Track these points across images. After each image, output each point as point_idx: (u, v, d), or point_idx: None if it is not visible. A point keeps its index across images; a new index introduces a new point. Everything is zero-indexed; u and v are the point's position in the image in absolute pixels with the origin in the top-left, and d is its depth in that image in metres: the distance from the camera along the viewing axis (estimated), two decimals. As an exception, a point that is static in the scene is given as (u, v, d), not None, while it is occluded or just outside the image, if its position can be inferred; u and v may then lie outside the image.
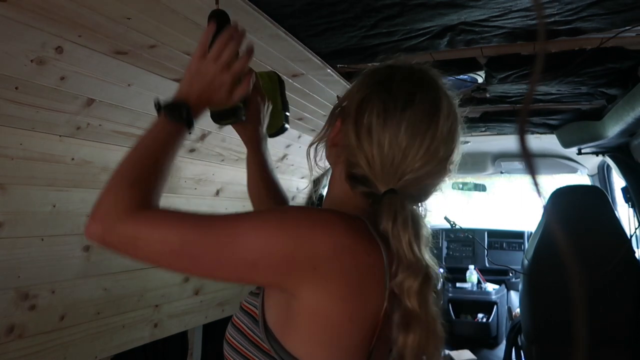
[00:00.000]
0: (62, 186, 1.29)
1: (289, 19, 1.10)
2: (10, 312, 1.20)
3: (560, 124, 2.33)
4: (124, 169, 0.67)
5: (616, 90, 1.66)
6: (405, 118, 0.65)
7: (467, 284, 3.62)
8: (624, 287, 1.98)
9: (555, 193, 2.20)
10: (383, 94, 0.67)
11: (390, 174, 0.65)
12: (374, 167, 0.66)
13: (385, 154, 0.65)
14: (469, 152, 3.23)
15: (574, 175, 3.28)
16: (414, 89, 0.67)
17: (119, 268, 1.54)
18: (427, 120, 0.65)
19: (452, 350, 3.26)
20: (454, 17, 1.12)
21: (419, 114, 0.65)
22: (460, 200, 6.19)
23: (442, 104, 0.67)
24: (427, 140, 0.65)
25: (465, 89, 1.96)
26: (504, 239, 3.76)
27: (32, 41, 0.98)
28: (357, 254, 0.60)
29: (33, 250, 1.24)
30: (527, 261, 2.20)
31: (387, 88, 0.68)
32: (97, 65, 1.14)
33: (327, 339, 0.60)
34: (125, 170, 0.66)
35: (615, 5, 1.03)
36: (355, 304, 0.60)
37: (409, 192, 0.66)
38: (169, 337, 1.88)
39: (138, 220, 0.61)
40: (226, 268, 0.60)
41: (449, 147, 0.67)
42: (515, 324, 2.51)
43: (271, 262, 0.58)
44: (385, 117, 0.65)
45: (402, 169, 0.65)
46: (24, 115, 1.10)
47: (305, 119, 2.02)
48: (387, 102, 0.66)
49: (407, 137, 0.64)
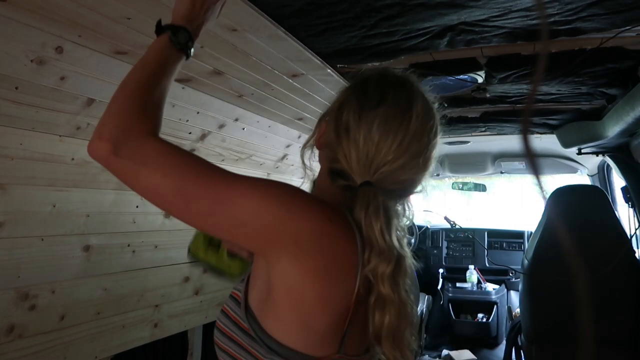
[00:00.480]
0: (62, 186, 1.29)
1: (289, 19, 1.10)
2: (10, 312, 1.20)
3: (560, 124, 2.33)
4: (130, 90, 0.68)
5: (616, 90, 1.66)
6: (379, 115, 0.69)
7: (467, 284, 3.62)
8: (624, 287, 1.98)
9: (555, 193, 2.20)
10: (359, 94, 0.73)
11: (366, 168, 0.69)
12: (351, 161, 0.70)
13: (361, 149, 0.69)
14: (469, 152, 3.24)
15: (574, 175, 3.28)
16: (387, 88, 0.72)
17: (119, 268, 1.54)
18: (399, 117, 0.69)
19: (452, 350, 3.26)
20: (454, 17, 1.12)
21: (392, 111, 0.70)
22: (460, 200, 6.19)
23: (415, 101, 0.71)
24: (400, 135, 0.69)
25: (465, 89, 1.96)
26: (504, 239, 3.75)
27: (32, 41, 0.98)
28: (335, 239, 0.64)
29: (33, 250, 1.24)
30: (527, 261, 2.20)
31: (364, 88, 0.73)
32: (97, 65, 1.14)
33: (298, 317, 0.62)
34: (130, 91, 0.68)
35: (615, 5, 1.03)
36: (326, 284, 0.62)
37: (385, 186, 0.69)
38: (169, 337, 1.88)
39: (145, 150, 0.63)
40: (216, 219, 0.62)
41: (422, 143, 0.71)
42: (515, 324, 2.51)
43: (259, 225, 0.61)
44: (360, 115, 0.70)
45: (377, 163, 0.69)
46: (24, 115, 1.10)
47: (305, 119, 2.02)
48: (362, 100, 0.72)
49: (380, 132, 0.68)
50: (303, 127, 2.14)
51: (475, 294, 3.56)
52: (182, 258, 1.82)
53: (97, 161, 0.64)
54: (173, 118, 1.50)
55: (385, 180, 0.69)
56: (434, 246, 3.90)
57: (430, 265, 3.86)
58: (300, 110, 1.86)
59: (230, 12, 0.98)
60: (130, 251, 1.57)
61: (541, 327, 2.09)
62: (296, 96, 1.67)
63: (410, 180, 0.73)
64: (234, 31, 1.08)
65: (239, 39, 1.13)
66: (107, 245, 1.47)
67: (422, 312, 3.34)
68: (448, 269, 3.81)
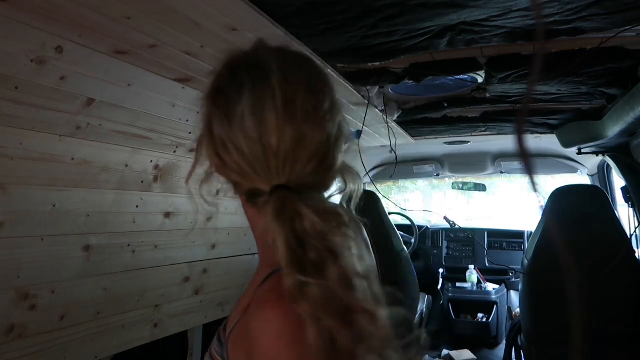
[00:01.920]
0: (62, 186, 1.29)
1: (289, 19, 1.10)
2: (10, 312, 1.20)
3: (560, 124, 2.33)
4: None
5: (616, 90, 1.66)
6: (245, 110, 0.60)
7: (467, 284, 3.61)
8: (624, 287, 1.98)
9: (555, 193, 2.20)
10: (217, 100, 0.64)
11: (265, 171, 0.60)
12: (246, 174, 0.61)
13: (248, 155, 0.60)
14: (469, 152, 3.24)
15: (574, 175, 3.28)
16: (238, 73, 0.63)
17: (119, 268, 1.54)
18: (261, 103, 0.60)
19: (452, 350, 3.26)
20: (454, 17, 1.12)
21: (252, 101, 0.60)
22: (460, 200, 6.19)
23: (270, 70, 0.61)
24: (272, 121, 0.59)
25: (465, 89, 1.96)
26: (504, 239, 3.75)
27: (32, 41, 0.98)
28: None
29: (33, 250, 1.24)
30: (527, 261, 2.20)
31: (219, 91, 0.64)
32: (97, 65, 1.14)
33: None
34: None
35: (615, 5, 1.03)
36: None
37: (298, 183, 0.60)
38: (169, 337, 1.88)
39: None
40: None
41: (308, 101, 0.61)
42: (515, 324, 2.51)
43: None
44: (228, 121, 0.61)
45: (268, 159, 0.59)
46: (24, 115, 1.10)
47: (305, 119, 2.01)
48: (222, 105, 0.62)
49: (255, 123, 0.59)
50: (303, 127, 2.13)
51: (475, 294, 3.56)
52: (182, 258, 1.83)
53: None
54: (173, 118, 1.50)
55: (293, 176, 0.60)
56: (434, 246, 3.90)
57: (430, 265, 3.86)
58: (300, 110, 1.86)
59: (230, 12, 0.98)
60: (130, 251, 1.57)
61: (541, 327, 2.09)
62: (296, 96, 1.67)
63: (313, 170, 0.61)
64: (234, 31, 1.08)
65: (239, 38, 1.13)
66: (107, 245, 1.47)
67: (422, 312, 3.35)
68: (448, 269, 3.81)
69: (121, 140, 1.39)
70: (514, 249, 3.69)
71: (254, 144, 0.59)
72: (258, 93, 0.60)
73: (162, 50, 1.16)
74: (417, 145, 2.82)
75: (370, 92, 1.81)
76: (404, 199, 6.27)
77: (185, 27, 1.03)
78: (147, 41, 1.10)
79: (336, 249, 0.57)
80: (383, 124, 2.13)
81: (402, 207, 4.61)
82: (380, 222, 2.73)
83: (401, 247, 2.83)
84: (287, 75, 0.61)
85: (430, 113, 2.19)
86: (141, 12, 0.95)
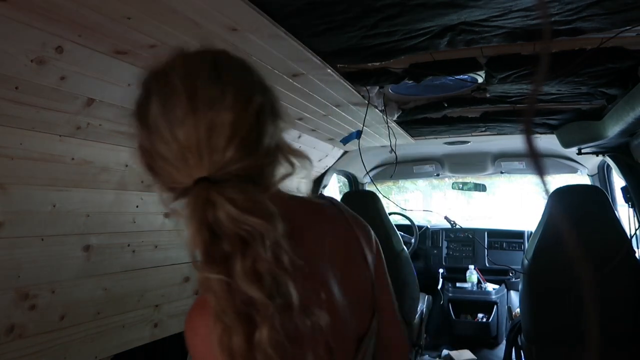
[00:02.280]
0: (62, 186, 1.29)
1: (289, 19, 1.10)
2: (10, 312, 1.20)
3: (560, 124, 2.33)
4: None
5: (616, 90, 1.67)
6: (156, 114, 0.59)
7: (467, 284, 3.61)
8: (624, 288, 1.98)
9: (555, 193, 2.20)
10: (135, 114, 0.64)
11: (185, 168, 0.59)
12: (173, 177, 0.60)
13: (169, 157, 0.59)
14: (469, 152, 3.24)
15: (574, 175, 3.28)
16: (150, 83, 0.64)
17: (119, 268, 1.54)
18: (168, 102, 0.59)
19: (452, 350, 3.26)
20: (454, 17, 1.12)
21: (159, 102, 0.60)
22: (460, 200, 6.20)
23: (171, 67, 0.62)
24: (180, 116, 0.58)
25: (465, 89, 1.96)
26: (504, 239, 3.75)
27: (32, 41, 0.98)
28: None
29: (33, 250, 1.24)
30: (527, 261, 2.20)
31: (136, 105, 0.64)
32: (97, 65, 1.14)
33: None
34: None
35: (615, 5, 1.03)
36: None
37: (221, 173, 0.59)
38: (169, 337, 1.88)
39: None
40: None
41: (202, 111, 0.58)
42: (515, 324, 2.51)
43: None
44: (147, 130, 0.60)
45: (185, 155, 0.58)
46: (24, 115, 1.10)
47: (305, 119, 2.02)
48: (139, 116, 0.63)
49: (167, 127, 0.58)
50: (303, 127, 2.14)
51: (475, 294, 3.56)
52: (182, 258, 1.83)
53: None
54: (173, 118, 1.50)
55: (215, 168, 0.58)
56: (434, 246, 3.90)
57: (430, 265, 3.86)
58: (300, 110, 1.86)
59: (230, 12, 0.98)
60: (130, 251, 1.57)
61: (541, 327, 2.09)
62: (296, 96, 1.67)
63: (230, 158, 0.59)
64: (234, 31, 1.08)
65: (239, 38, 1.13)
66: (107, 245, 1.47)
67: (422, 312, 3.34)
68: (448, 269, 3.81)
69: (121, 140, 1.39)
70: (514, 249, 3.69)
71: (170, 144, 0.58)
72: (163, 94, 0.60)
73: (162, 50, 1.15)
74: (417, 145, 2.82)
75: (370, 92, 1.81)
76: (404, 199, 6.28)
77: (185, 27, 1.03)
78: (147, 41, 1.10)
79: (250, 239, 0.56)
80: (383, 124, 2.13)
81: (402, 207, 4.61)
82: (380, 222, 2.73)
83: (401, 247, 2.83)
84: (188, 70, 0.61)
85: (430, 113, 2.19)
86: (141, 12, 0.95)
